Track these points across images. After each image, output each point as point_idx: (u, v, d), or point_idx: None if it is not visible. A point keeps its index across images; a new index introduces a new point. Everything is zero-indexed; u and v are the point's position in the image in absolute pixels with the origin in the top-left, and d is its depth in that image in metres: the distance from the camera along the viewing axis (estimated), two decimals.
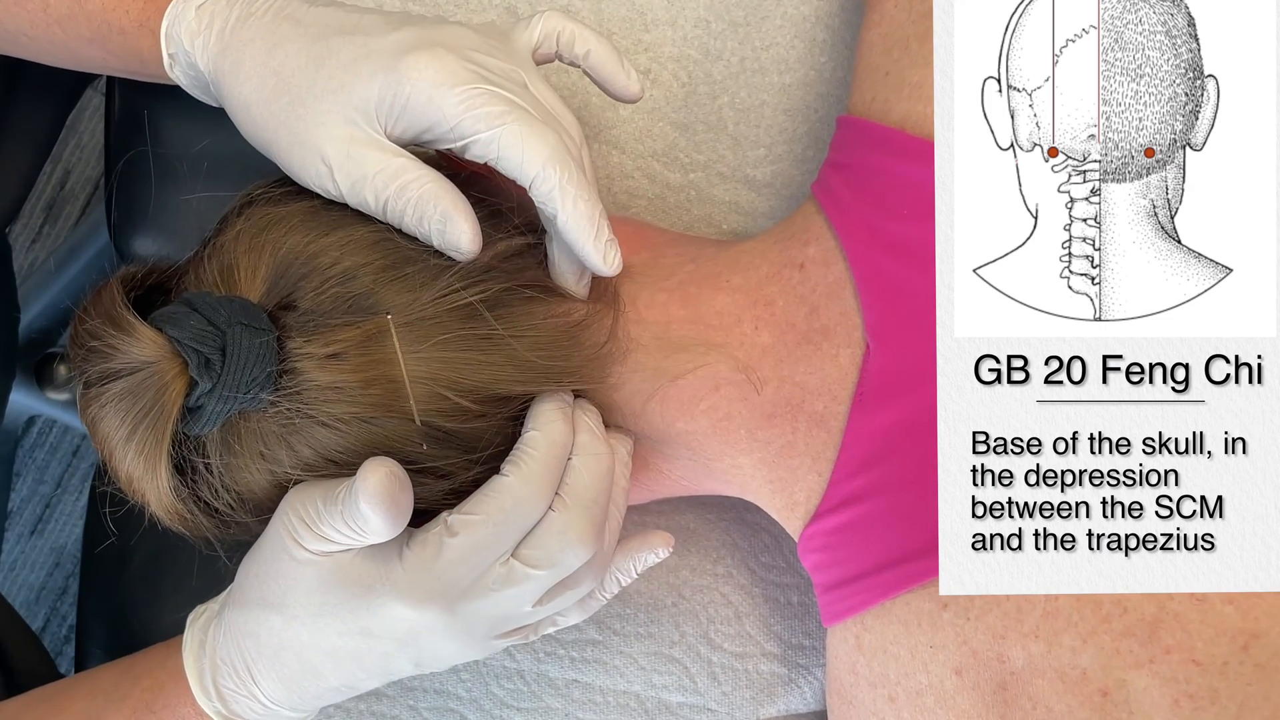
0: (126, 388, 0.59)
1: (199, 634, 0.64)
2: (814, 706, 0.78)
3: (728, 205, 0.80)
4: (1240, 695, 0.56)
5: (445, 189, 0.59)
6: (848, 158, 0.67)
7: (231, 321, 0.58)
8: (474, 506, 0.59)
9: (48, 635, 1.42)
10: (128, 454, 0.60)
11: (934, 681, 0.60)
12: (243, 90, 0.62)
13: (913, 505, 0.60)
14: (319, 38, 0.61)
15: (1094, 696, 0.57)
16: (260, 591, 0.61)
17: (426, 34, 0.60)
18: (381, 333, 0.59)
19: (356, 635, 0.60)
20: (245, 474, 0.61)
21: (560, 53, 0.65)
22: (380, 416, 0.60)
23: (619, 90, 0.65)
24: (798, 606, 0.78)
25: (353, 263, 0.60)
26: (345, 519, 0.57)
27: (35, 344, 1.32)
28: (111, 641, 0.85)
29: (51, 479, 1.43)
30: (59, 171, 1.43)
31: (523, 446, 0.61)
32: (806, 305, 0.65)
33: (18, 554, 1.42)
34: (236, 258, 0.61)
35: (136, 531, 0.67)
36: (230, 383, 0.58)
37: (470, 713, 0.79)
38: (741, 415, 0.65)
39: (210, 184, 0.70)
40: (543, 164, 0.59)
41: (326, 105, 0.59)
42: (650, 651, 0.78)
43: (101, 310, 0.60)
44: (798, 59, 0.80)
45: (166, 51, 0.65)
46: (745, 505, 0.76)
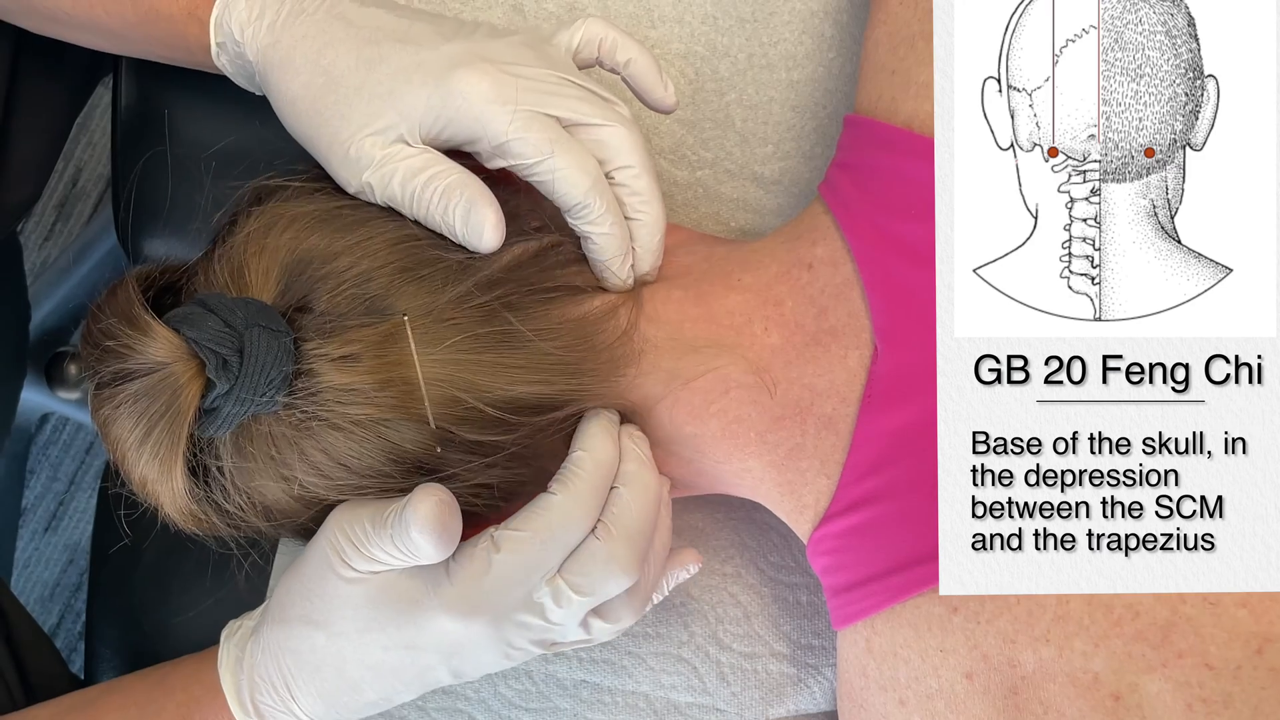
0: (142, 389, 0.59)
1: (235, 650, 0.65)
2: (823, 707, 0.77)
3: (735, 203, 0.80)
4: (1254, 699, 0.56)
5: (472, 180, 0.61)
6: (855, 157, 0.67)
7: (249, 323, 0.58)
8: (521, 523, 0.60)
9: (62, 632, 1.42)
10: (142, 456, 0.60)
11: (944, 685, 0.60)
12: (292, 85, 0.63)
13: (922, 508, 0.60)
14: (371, 41, 0.62)
15: (1106, 701, 0.57)
16: (304, 609, 0.62)
17: (476, 48, 0.62)
18: (397, 334, 0.60)
19: (401, 649, 0.61)
20: (256, 478, 0.61)
21: (601, 59, 0.67)
22: (395, 419, 0.60)
23: (656, 101, 0.67)
24: (807, 606, 0.77)
25: (369, 264, 0.61)
26: (396, 543, 0.58)
27: (47, 343, 1.32)
28: (122, 643, 0.85)
29: (65, 476, 1.44)
30: (70, 169, 1.44)
31: (570, 466, 0.62)
32: (815, 306, 0.65)
33: (32, 551, 1.43)
34: (247, 259, 0.61)
35: (147, 533, 0.67)
36: (247, 385, 0.58)
37: (478, 713, 0.79)
38: (751, 418, 0.65)
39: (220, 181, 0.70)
40: (584, 194, 0.62)
41: (374, 108, 0.61)
42: (659, 652, 0.78)
43: (117, 309, 0.60)
44: (806, 55, 0.79)
45: (215, 40, 0.66)
46: (754, 504, 0.75)
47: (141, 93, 0.84)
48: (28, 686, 0.81)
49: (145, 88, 0.83)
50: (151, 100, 0.83)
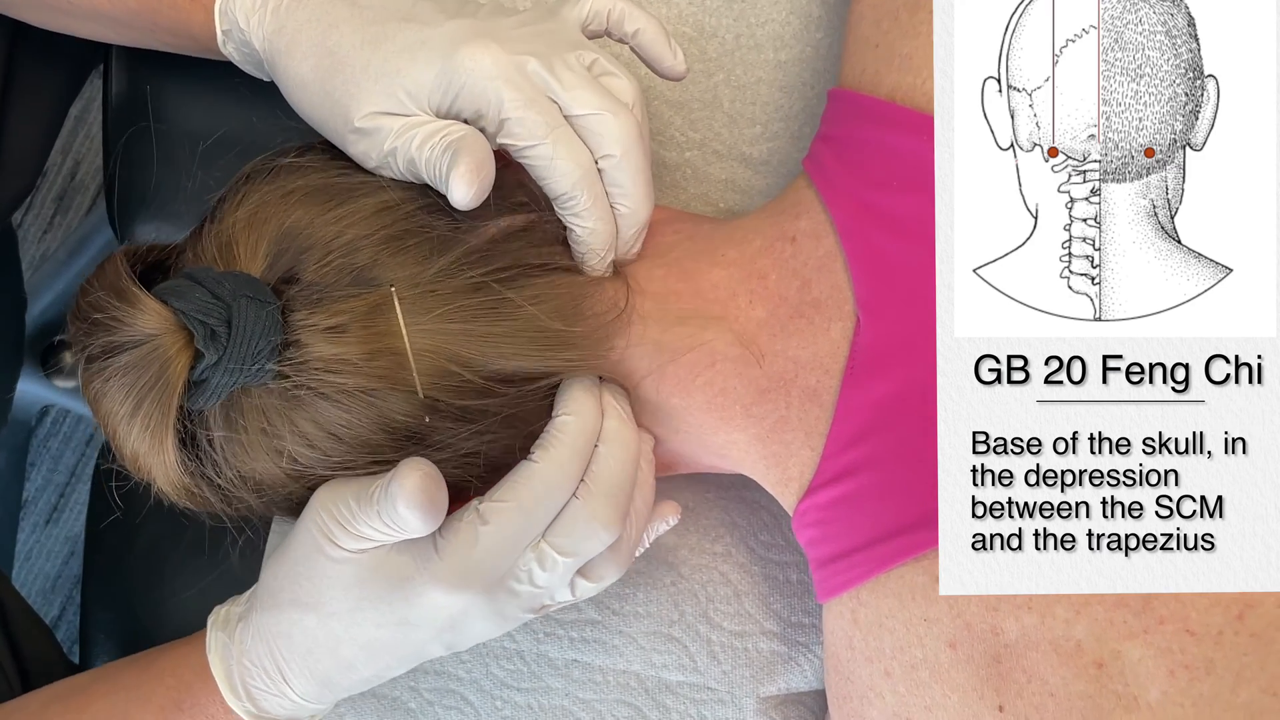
0: (130, 361, 0.59)
1: (222, 636, 0.65)
2: (814, 685, 0.78)
3: (724, 183, 0.80)
4: (1236, 665, 0.56)
5: (475, 138, 0.61)
6: (839, 130, 0.67)
7: (236, 294, 0.58)
8: (505, 493, 0.61)
9: (63, 624, 1.43)
10: (133, 430, 0.60)
11: (929, 655, 0.60)
12: (300, 69, 0.63)
13: (905, 478, 0.60)
14: (374, 21, 0.62)
15: (1089, 668, 0.57)
16: (293, 592, 0.62)
17: (480, 25, 0.62)
18: (385, 304, 0.60)
19: (394, 626, 0.61)
20: (247, 450, 0.61)
21: (610, 30, 0.67)
22: (384, 389, 0.60)
23: (666, 69, 0.68)
24: (797, 584, 0.77)
25: (356, 234, 0.61)
26: (383, 518, 0.58)
27: (45, 335, 1.32)
28: (117, 627, 0.85)
29: (65, 468, 1.44)
30: (69, 162, 1.44)
31: (552, 431, 0.63)
32: (798, 279, 0.65)
33: (33, 543, 1.43)
34: (236, 234, 0.62)
35: (140, 516, 0.67)
36: (236, 355, 0.58)
37: (470, 693, 0.79)
38: (737, 390, 0.66)
39: (210, 166, 0.70)
40: (572, 186, 0.62)
41: (381, 86, 0.61)
42: (649, 631, 0.78)
43: (105, 283, 0.60)
44: (793, 35, 0.79)
45: (220, 28, 0.67)
46: (744, 483, 0.76)
47: (132, 81, 0.83)
48: (24, 674, 0.81)
49: (135, 76, 0.83)
50: (141, 89, 0.83)
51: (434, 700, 0.79)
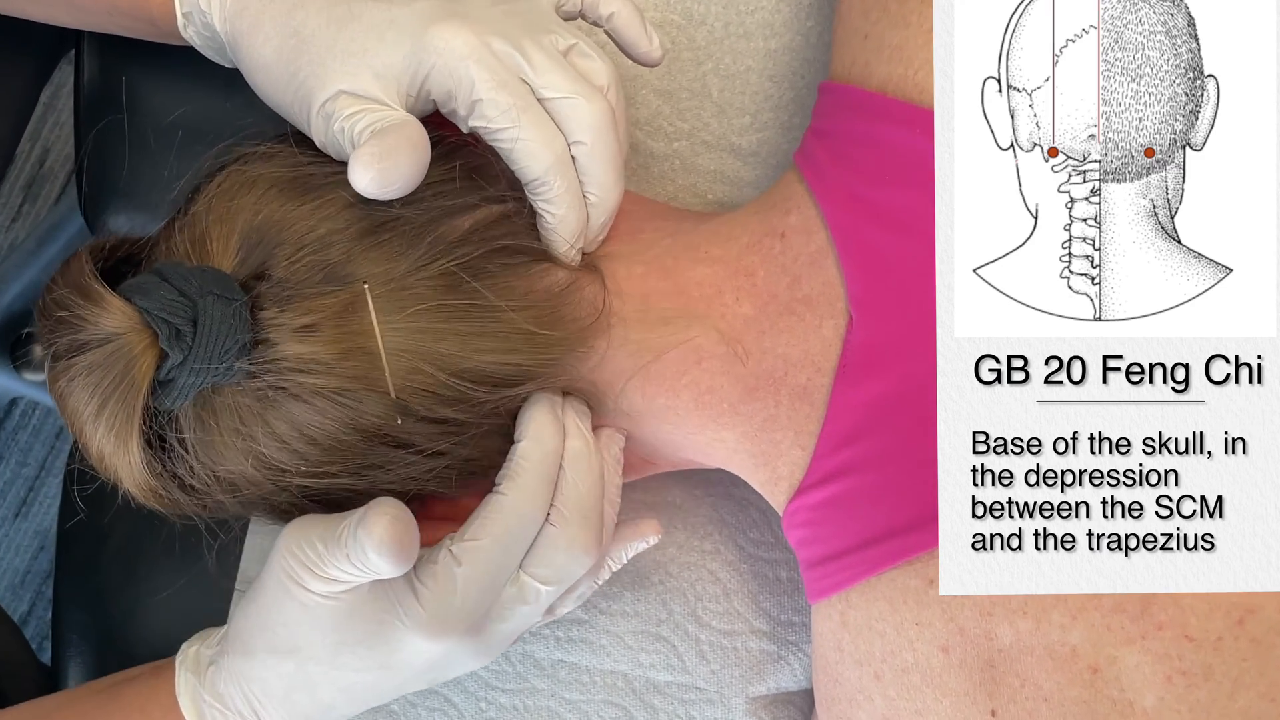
0: (95, 360, 0.58)
1: (192, 680, 0.63)
2: (804, 684, 0.78)
3: (713, 174, 0.79)
4: (1235, 671, 0.56)
5: (410, 124, 0.58)
6: (830, 124, 0.66)
7: (203, 291, 0.57)
8: (477, 530, 0.60)
9: (33, 619, 1.41)
10: (98, 429, 0.59)
11: (920, 659, 0.60)
12: (264, 51, 0.62)
13: (898, 480, 0.60)
14: (341, 1, 0.61)
15: (1084, 674, 0.57)
16: (267, 639, 0.61)
17: (450, 5, 0.61)
18: (357, 302, 0.59)
19: (376, 670, 0.61)
20: (221, 451, 0.60)
21: (584, 12, 0.66)
22: (357, 390, 0.59)
23: (641, 54, 0.67)
24: (786, 583, 0.77)
25: (328, 228, 0.60)
26: (352, 561, 0.57)
27: (13, 326, 1.31)
28: (90, 627, 0.84)
29: (35, 462, 1.42)
30: (38, 150, 1.42)
31: (516, 459, 0.62)
32: (788, 275, 0.64)
33: (1, 538, 1.42)
34: (208, 227, 0.60)
35: (111, 512, 0.66)
36: (201, 354, 0.57)
37: (455, 695, 0.79)
38: (724, 389, 0.65)
39: (184, 155, 0.69)
40: (544, 171, 0.60)
41: (348, 67, 0.59)
42: (637, 630, 0.78)
43: (70, 280, 0.59)
44: (783, 23, 0.78)
45: (180, 11, 0.65)
46: (733, 480, 0.75)
47: (104, 68, 0.82)
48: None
49: (107, 63, 0.82)
50: (113, 76, 0.82)
51: (417, 701, 0.79)
